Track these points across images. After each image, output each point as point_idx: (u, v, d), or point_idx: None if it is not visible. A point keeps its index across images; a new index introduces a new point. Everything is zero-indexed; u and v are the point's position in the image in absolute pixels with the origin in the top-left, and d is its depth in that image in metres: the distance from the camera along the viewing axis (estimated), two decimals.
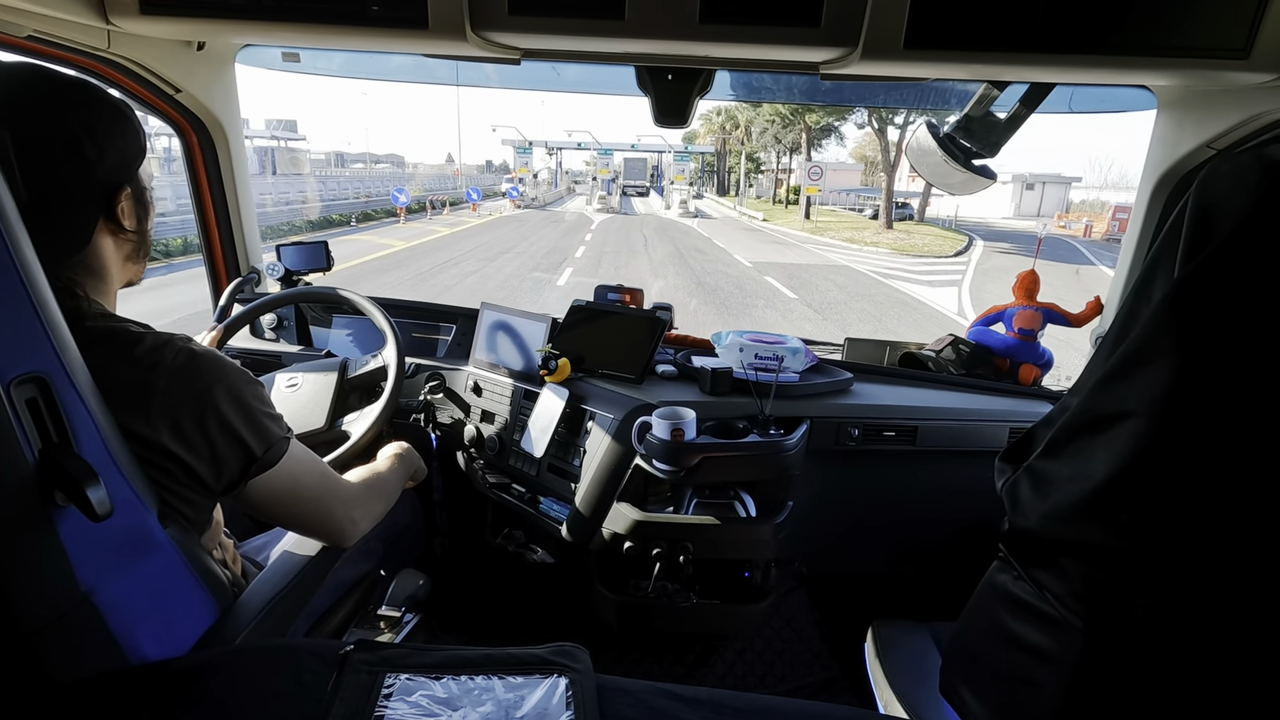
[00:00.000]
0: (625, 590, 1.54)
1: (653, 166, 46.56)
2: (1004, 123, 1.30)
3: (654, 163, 46.88)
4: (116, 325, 0.79)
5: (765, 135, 38.46)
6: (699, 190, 34.24)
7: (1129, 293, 0.61)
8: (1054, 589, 0.64)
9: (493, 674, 0.67)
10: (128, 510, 0.71)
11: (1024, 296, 1.83)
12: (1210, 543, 0.56)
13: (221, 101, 1.67)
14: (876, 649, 1.26)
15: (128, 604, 0.71)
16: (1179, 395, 0.54)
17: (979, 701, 0.73)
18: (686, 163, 33.27)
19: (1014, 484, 0.69)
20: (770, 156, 43.48)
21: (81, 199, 0.78)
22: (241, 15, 1.08)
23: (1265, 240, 0.51)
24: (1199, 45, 0.94)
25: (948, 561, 1.36)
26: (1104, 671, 0.62)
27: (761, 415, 1.44)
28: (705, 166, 54.61)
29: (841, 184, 45.19)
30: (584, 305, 1.69)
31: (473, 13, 1.03)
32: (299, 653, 0.70)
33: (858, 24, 0.97)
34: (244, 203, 1.87)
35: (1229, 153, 1.20)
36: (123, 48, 1.33)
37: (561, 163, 42.69)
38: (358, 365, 1.50)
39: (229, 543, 1.09)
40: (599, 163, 34.48)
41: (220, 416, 0.81)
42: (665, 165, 36.60)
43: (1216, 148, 1.22)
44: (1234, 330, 0.52)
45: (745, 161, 43.97)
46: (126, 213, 0.82)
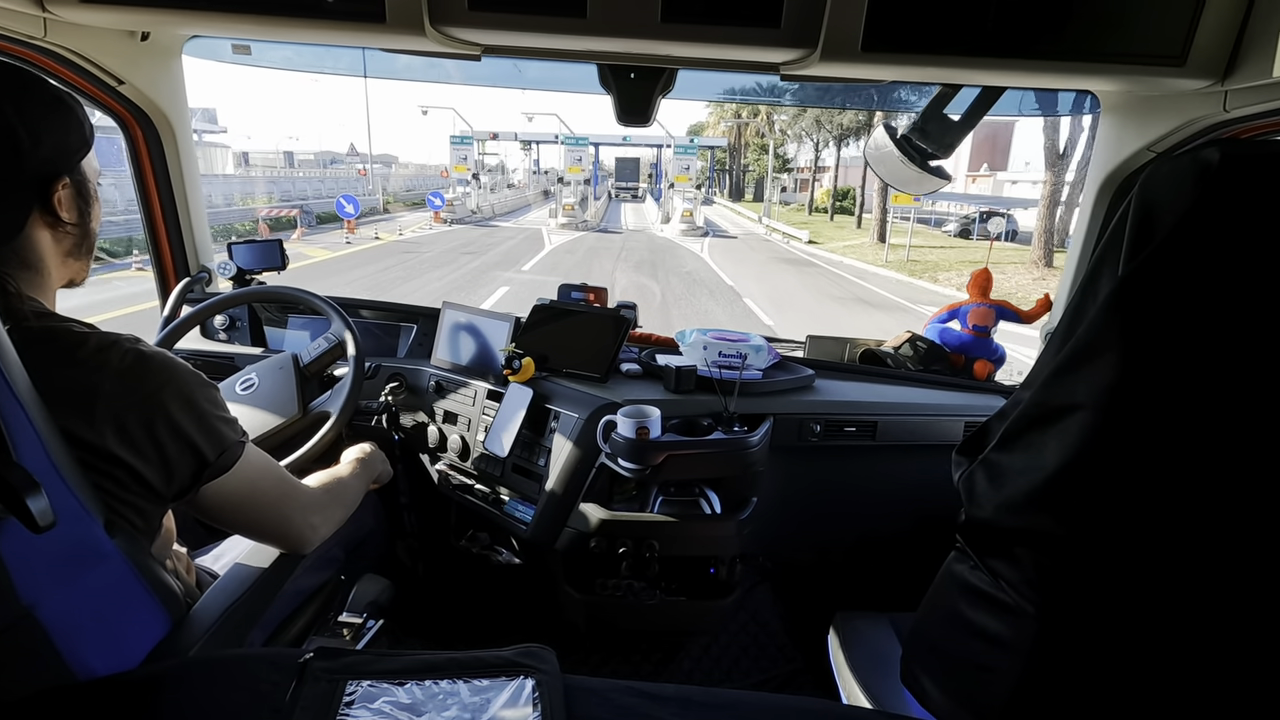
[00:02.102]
0: (592, 589, 1.54)
1: (649, 164, 40.15)
2: (957, 124, 1.34)
3: (650, 159, 40.13)
4: (57, 325, 0.76)
5: (799, 123, 30.57)
6: (707, 194, 24.80)
7: (1076, 290, 0.63)
8: (1009, 577, 0.66)
9: (458, 678, 0.66)
10: (72, 520, 0.68)
11: (978, 294, 1.89)
12: (1154, 530, 0.59)
13: (168, 94, 1.61)
14: (839, 640, 1.28)
15: (73, 618, 0.68)
16: (1124, 388, 0.57)
17: (938, 689, 0.75)
18: (692, 157, 24.45)
19: (970, 476, 0.71)
20: (801, 151, 36.08)
21: (12, 187, 0.75)
22: (187, 5, 1.04)
23: (1203, 239, 0.53)
24: (1138, 52, 0.98)
25: (908, 553, 1.39)
26: (1056, 655, 0.64)
27: (726, 413, 1.45)
28: (715, 164, 43.44)
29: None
30: (548, 304, 1.68)
31: (432, 7, 1.01)
32: (256, 663, 0.68)
33: (817, 26, 0.99)
34: (193, 199, 1.81)
35: (1168, 156, 1.26)
36: (61, 37, 1.27)
37: (539, 160, 36.81)
38: (309, 353, 1.46)
39: (182, 551, 1.05)
40: (568, 158, 24.87)
41: (170, 420, 0.78)
42: (666, 162, 27.99)
43: (1157, 150, 1.28)
44: (1175, 325, 0.55)
45: (768, 157, 34.30)
46: (64, 205, 0.79)
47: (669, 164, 25.24)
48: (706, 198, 25.63)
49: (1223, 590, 0.58)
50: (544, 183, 36.27)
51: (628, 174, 39.02)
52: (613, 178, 38.73)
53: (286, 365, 1.44)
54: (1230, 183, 0.52)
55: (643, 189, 39.42)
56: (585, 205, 24.84)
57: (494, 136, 30.73)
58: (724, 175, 46.77)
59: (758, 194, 41.09)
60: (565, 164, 25.11)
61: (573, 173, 24.40)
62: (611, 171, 39.55)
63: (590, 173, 28.10)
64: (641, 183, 38.87)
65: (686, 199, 23.61)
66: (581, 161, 24.62)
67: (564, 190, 24.42)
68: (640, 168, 39.20)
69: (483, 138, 29.34)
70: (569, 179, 24.55)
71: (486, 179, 28.61)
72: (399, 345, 1.88)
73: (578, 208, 23.36)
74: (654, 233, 23.45)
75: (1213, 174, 0.52)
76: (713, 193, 42.02)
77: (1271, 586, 0.56)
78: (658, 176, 35.58)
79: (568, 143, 25.28)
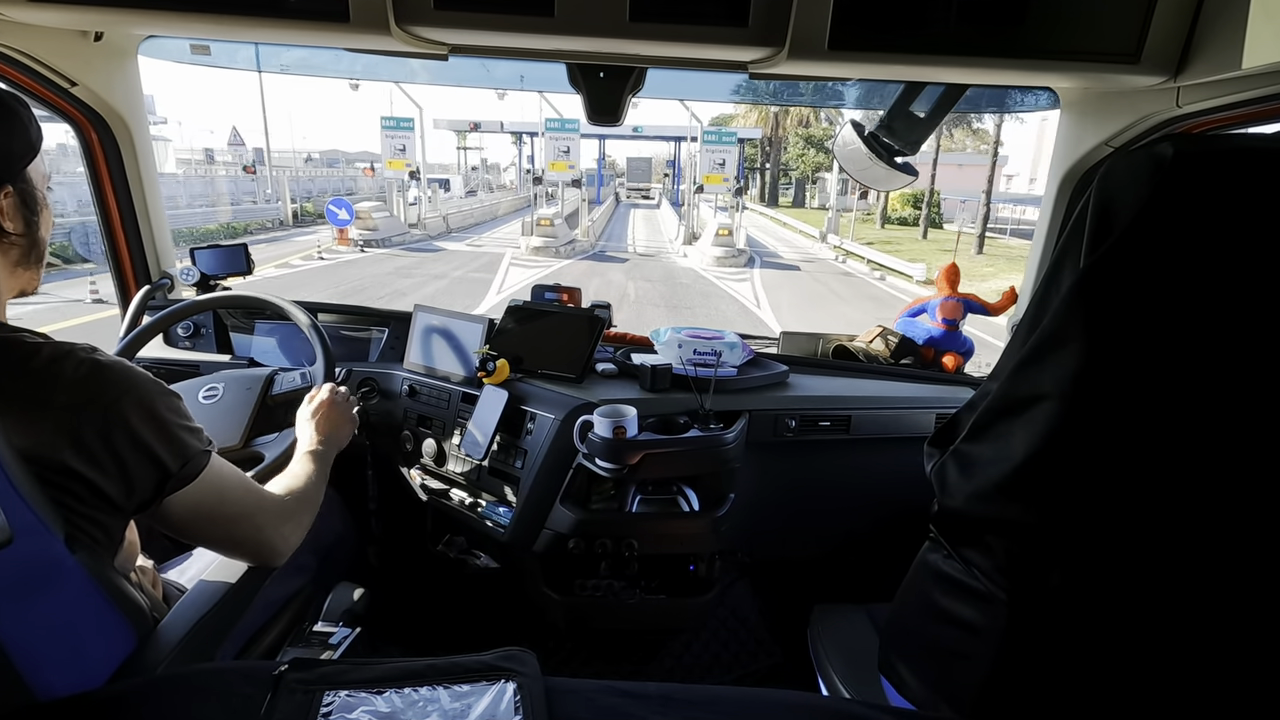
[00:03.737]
0: (571, 590, 1.53)
1: (665, 162, 32.13)
2: (922, 121, 1.36)
3: (666, 156, 32.75)
4: (8, 336, 0.73)
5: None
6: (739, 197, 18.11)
7: (1040, 283, 0.65)
8: (980, 565, 0.67)
9: (437, 684, 0.65)
10: (30, 536, 0.65)
11: (947, 288, 1.92)
12: (1121, 515, 0.60)
13: (123, 96, 1.57)
14: (818, 633, 1.30)
15: (32, 636, 0.65)
16: (1088, 377, 0.58)
17: (915, 677, 0.77)
18: (729, 147, 17.03)
19: (941, 467, 0.72)
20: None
21: None
22: (142, 4, 1.01)
23: (1159, 231, 0.55)
24: (1094, 50, 1.01)
25: (883, 545, 1.41)
26: (1027, 640, 0.66)
27: (701, 410, 1.46)
28: (743, 162, 29.50)
29: (963, 187, 27.90)
30: (521, 305, 1.67)
31: (397, 7, 1.00)
32: (228, 676, 0.67)
33: (784, 25, 1.00)
34: (153, 203, 1.76)
35: (1124, 150, 1.29)
36: (9, 37, 1.22)
37: (534, 155, 25.67)
38: (284, 383, 1.40)
39: (148, 565, 1.02)
40: (551, 149, 17.11)
41: (129, 431, 0.75)
42: (690, 156, 20.87)
43: (1114, 146, 1.31)
44: (1135, 314, 0.56)
45: (808, 151, 28.04)
46: (7, 214, 0.76)
47: (696, 158, 18.43)
48: (739, 202, 17.72)
49: (1189, 573, 0.59)
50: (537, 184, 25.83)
51: (640, 174, 31.67)
52: (623, 177, 32.84)
53: (255, 387, 1.38)
54: (1183, 177, 0.54)
55: (655, 190, 33.05)
56: (576, 218, 18.86)
57: (475, 127, 23.12)
58: (754, 174, 37.30)
59: (797, 198, 35.39)
60: (546, 157, 17.25)
61: (555, 170, 16.77)
62: (618, 171, 33.21)
63: (594, 170, 21.61)
64: (654, 183, 32.40)
65: (721, 207, 17.32)
66: (569, 154, 16.85)
67: (543, 196, 17.47)
68: (650, 168, 32.11)
69: (461, 128, 22.51)
70: (551, 179, 17.33)
71: (457, 182, 22.55)
72: (370, 350, 1.85)
73: (560, 223, 16.31)
74: (675, 259, 16.49)
75: (1166, 169, 0.54)
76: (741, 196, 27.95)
77: (1237, 568, 0.58)
78: (675, 176, 28.44)
79: (552, 128, 17.12)
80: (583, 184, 18.08)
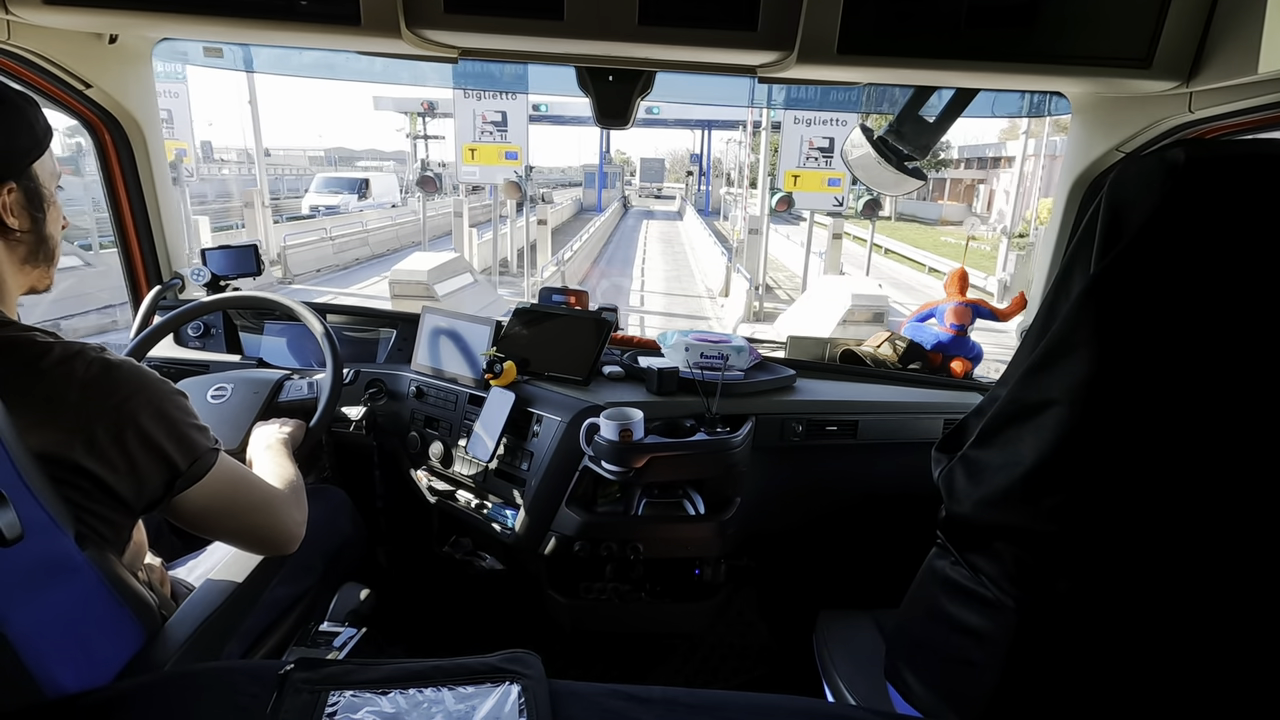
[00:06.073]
0: (576, 593, 1.53)
1: (690, 156, 26.53)
2: (932, 126, 1.36)
3: (689, 149, 26.88)
4: (19, 335, 0.74)
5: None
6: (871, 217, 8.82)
7: (1050, 288, 0.64)
8: (988, 572, 0.67)
9: (442, 685, 0.66)
10: (40, 533, 0.66)
11: (956, 292, 1.91)
12: (1126, 522, 0.60)
13: (137, 98, 1.58)
14: (824, 639, 1.29)
15: (42, 633, 0.66)
16: (1098, 383, 0.58)
17: (921, 684, 0.76)
18: (844, 112, 7.82)
19: (949, 473, 0.71)
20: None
21: None
22: (156, 7, 1.02)
23: (1170, 237, 0.54)
24: (1106, 54, 1.00)
25: (890, 550, 1.40)
26: (1035, 648, 0.65)
27: (708, 414, 1.45)
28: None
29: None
30: (529, 307, 1.67)
31: (408, 10, 1.00)
32: (234, 675, 0.67)
33: (793, 29, 1.00)
34: (165, 205, 1.77)
35: (1136, 156, 1.28)
36: (24, 39, 1.24)
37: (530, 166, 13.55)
38: (292, 390, 1.40)
39: (156, 563, 1.03)
40: (472, 119, 9.72)
41: (140, 430, 0.76)
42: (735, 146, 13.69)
43: (1125, 151, 1.31)
44: (1145, 320, 0.56)
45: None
46: (13, 211, 0.76)
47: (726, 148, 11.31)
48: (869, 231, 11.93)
49: (1199, 581, 0.59)
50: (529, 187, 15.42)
51: (652, 175, 27.47)
52: (636, 176, 27.87)
53: (263, 391, 1.38)
54: (1195, 182, 0.53)
55: (672, 191, 25.16)
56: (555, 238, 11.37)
57: (430, 108, 15.04)
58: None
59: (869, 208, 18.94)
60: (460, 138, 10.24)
61: (478, 163, 10.16)
62: (622, 170, 27.49)
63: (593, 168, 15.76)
64: (670, 181, 25.66)
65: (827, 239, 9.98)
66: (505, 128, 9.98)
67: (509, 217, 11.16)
68: (662, 169, 26.84)
69: (410, 108, 15.70)
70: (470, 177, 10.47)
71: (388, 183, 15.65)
72: (378, 351, 1.86)
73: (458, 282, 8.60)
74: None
75: (1178, 174, 0.53)
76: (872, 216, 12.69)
77: (1246, 576, 0.57)
78: (704, 174, 21.52)
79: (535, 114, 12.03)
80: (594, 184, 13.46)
